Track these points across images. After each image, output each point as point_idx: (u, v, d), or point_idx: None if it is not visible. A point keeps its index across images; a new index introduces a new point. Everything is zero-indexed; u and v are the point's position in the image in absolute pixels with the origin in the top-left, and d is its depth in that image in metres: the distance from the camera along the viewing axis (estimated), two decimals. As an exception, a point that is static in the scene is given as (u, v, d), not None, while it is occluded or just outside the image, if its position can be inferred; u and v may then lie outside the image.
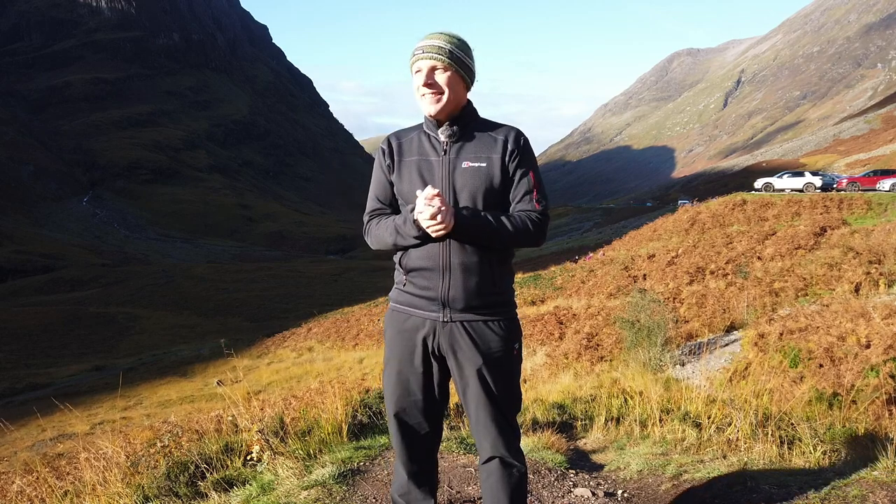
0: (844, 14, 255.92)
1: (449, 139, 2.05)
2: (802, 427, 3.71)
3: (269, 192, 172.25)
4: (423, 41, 2.03)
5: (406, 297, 2.09)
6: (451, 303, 2.00)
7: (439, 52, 2.00)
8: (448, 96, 2.02)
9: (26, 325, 46.27)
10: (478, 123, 2.10)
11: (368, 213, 2.16)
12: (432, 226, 1.90)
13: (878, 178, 29.15)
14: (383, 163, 2.12)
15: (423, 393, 2.10)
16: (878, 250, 11.41)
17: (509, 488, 2.09)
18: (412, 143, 2.10)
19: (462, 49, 2.03)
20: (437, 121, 2.06)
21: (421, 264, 2.02)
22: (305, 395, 7.55)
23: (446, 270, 1.99)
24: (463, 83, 2.05)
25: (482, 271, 2.01)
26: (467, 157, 2.03)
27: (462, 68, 2.03)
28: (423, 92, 2.02)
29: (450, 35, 2.04)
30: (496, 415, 2.05)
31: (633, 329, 8.93)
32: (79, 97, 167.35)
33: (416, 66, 2.03)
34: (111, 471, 3.36)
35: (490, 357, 2.03)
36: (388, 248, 2.07)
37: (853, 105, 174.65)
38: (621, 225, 61.11)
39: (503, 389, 2.06)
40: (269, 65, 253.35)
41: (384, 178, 2.13)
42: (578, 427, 4.85)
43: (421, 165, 2.04)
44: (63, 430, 14.71)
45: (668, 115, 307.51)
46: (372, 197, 2.17)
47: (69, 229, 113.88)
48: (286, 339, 30.35)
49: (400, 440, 2.15)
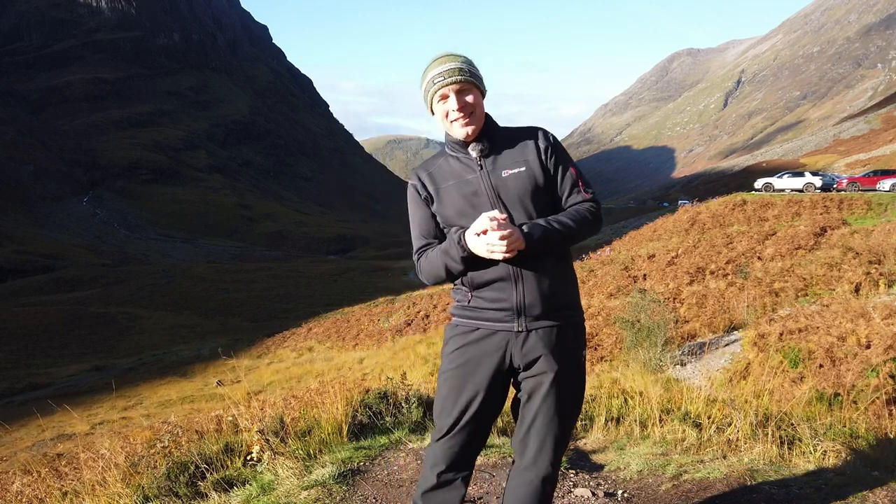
0: (844, 14, 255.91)
1: (481, 154, 2.02)
2: (803, 427, 3.71)
3: (269, 192, 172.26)
4: (438, 67, 1.99)
5: (472, 311, 2.03)
6: (528, 310, 1.96)
7: (460, 74, 1.97)
8: (477, 115, 2.01)
9: (26, 325, 46.26)
10: (501, 133, 2.08)
11: (417, 252, 2.10)
12: (497, 248, 1.84)
13: (878, 178, 29.15)
14: (419, 197, 2.08)
15: (484, 405, 2.03)
16: (878, 250, 11.40)
17: (539, 500, 2.03)
18: (442, 169, 2.07)
19: (472, 65, 2.03)
20: (464, 141, 2.03)
21: (491, 277, 1.96)
22: (305, 395, 7.54)
23: (518, 278, 1.95)
24: (482, 98, 2.04)
25: (553, 273, 1.99)
26: (504, 165, 2.00)
27: (479, 84, 2.02)
28: (456, 117, 1.98)
29: (455, 54, 2.02)
30: (557, 424, 2.01)
31: (633, 329, 8.92)
32: (79, 97, 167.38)
33: (439, 94, 1.99)
34: (111, 471, 3.36)
35: (565, 364, 2.00)
36: (441, 279, 2.03)
37: (853, 105, 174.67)
38: (621, 225, 61.08)
39: (573, 399, 2.04)
40: (269, 65, 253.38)
41: (425, 211, 2.07)
42: (578, 427, 4.84)
43: (461, 188, 2.01)
44: (63, 430, 14.71)
45: (669, 115, 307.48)
46: (417, 236, 2.11)
47: (69, 229, 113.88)
48: (286, 339, 30.33)
49: (448, 448, 2.05)
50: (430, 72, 2.00)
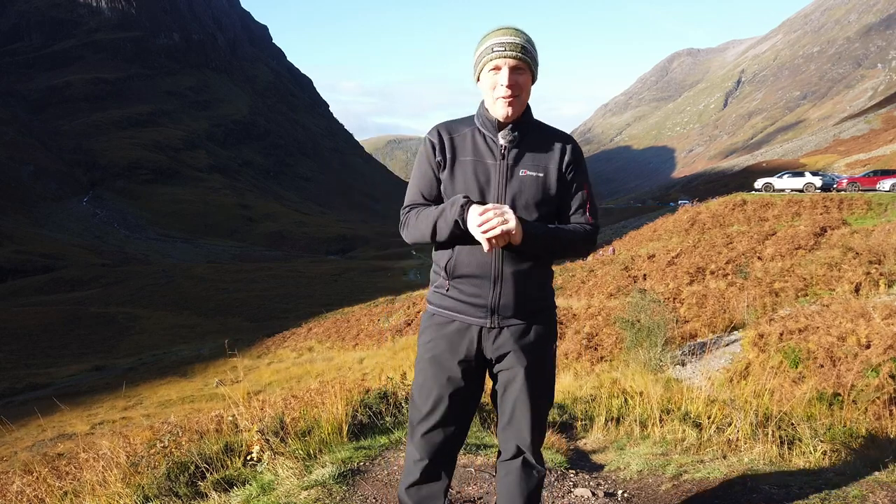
0: (844, 14, 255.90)
1: (509, 144, 1.97)
2: (803, 427, 3.71)
3: (269, 192, 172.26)
4: (501, 37, 1.91)
5: (449, 301, 2.02)
6: (501, 310, 1.97)
7: (522, 52, 1.90)
8: (522, 99, 1.95)
9: (26, 325, 46.26)
10: (534, 128, 2.03)
11: (408, 206, 2.03)
12: (496, 235, 1.80)
13: (878, 178, 29.16)
14: (432, 158, 1.99)
15: (457, 395, 2.05)
16: (878, 250, 11.40)
17: (527, 490, 2.08)
18: (465, 140, 1.99)
19: (534, 47, 1.96)
20: (499, 123, 1.97)
21: (471, 271, 1.96)
22: (305, 395, 7.53)
23: (498, 279, 1.95)
24: (532, 84, 1.97)
25: (532, 279, 1.99)
26: (525, 164, 1.97)
27: (534, 68, 1.96)
28: (503, 93, 1.91)
29: (521, 31, 1.94)
30: (533, 414, 2.05)
31: (634, 329, 8.93)
32: (79, 97, 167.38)
33: (494, 63, 1.91)
34: (111, 471, 3.36)
35: (534, 358, 2.02)
36: (425, 238, 1.97)
37: (853, 105, 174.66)
38: (621, 225, 61.10)
39: (544, 388, 2.08)
40: (270, 65, 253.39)
41: (432, 173, 2.00)
42: (578, 427, 4.84)
43: (477, 168, 1.95)
44: (63, 430, 14.71)
45: (669, 115, 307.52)
46: (415, 191, 2.03)
47: (69, 229, 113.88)
48: (286, 339, 30.34)
49: (425, 440, 2.07)
50: (492, 39, 1.93)
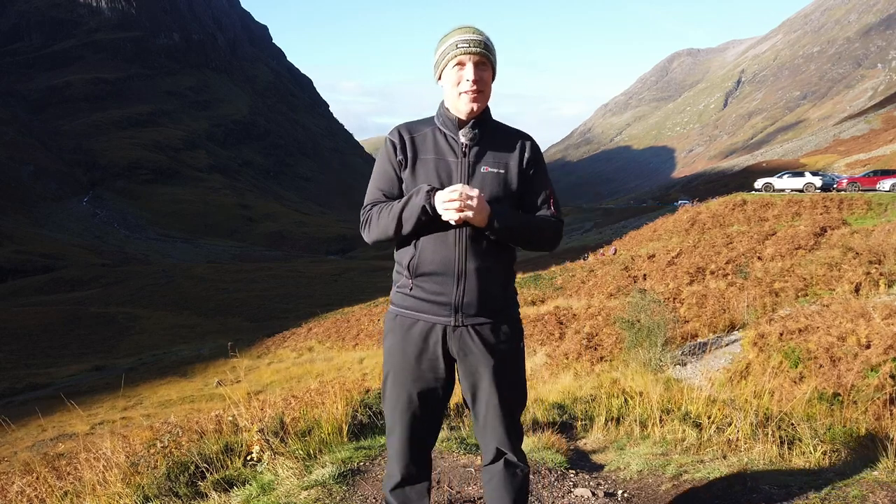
0: (844, 14, 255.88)
1: (469, 141, 1.99)
2: (803, 427, 3.71)
3: (269, 192, 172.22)
4: (464, 34, 1.95)
5: (412, 301, 2.02)
6: (465, 308, 1.97)
7: (485, 49, 1.95)
8: (486, 95, 1.98)
9: (26, 325, 46.26)
10: (493, 126, 2.05)
11: (369, 204, 2.04)
12: (457, 207, 1.82)
13: (878, 178, 29.16)
14: (394, 157, 2.01)
15: (428, 395, 2.06)
16: (878, 250, 11.40)
17: (513, 489, 2.08)
18: (426, 139, 2.01)
19: (493, 47, 2.00)
20: (460, 121, 2.00)
21: (434, 269, 1.96)
22: (305, 395, 7.53)
23: (462, 276, 1.95)
24: (492, 82, 2.02)
25: (495, 277, 2.00)
26: (486, 161, 1.99)
27: (495, 66, 2.01)
28: (468, 88, 1.93)
29: (480, 30, 1.98)
30: (505, 414, 2.04)
31: (634, 329, 8.93)
32: (79, 97, 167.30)
33: (458, 59, 1.94)
34: (111, 471, 3.36)
35: (500, 357, 2.02)
36: (388, 237, 1.98)
37: (853, 105, 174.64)
38: (621, 225, 61.13)
39: (512, 388, 2.06)
40: (270, 65, 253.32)
41: (393, 172, 2.02)
42: (578, 427, 4.84)
43: (438, 166, 1.97)
44: (63, 430, 14.71)
45: (669, 115, 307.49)
46: (374, 189, 2.04)
47: (69, 229, 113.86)
48: (286, 339, 30.34)
49: (401, 441, 2.09)
50: (454, 37, 1.96)
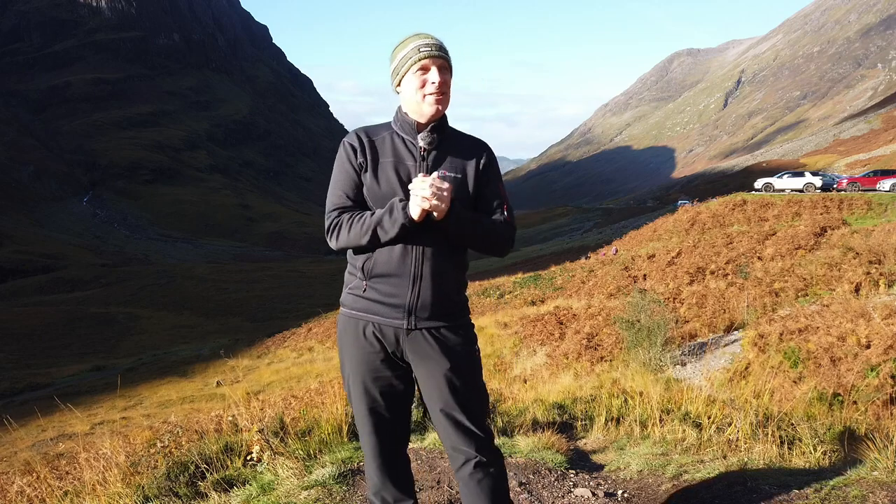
0: (844, 14, 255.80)
1: (428, 146, 2.00)
2: (803, 427, 3.71)
3: (269, 193, 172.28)
4: (423, 39, 1.98)
5: (364, 303, 2.01)
6: (419, 311, 1.96)
7: (446, 53, 1.98)
8: (448, 98, 2.00)
9: (27, 325, 46.28)
10: (451, 133, 2.07)
11: (336, 209, 2.00)
12: (431, 194, 1.83)
13: (878, 178, 29.16)
14: (354, 160, 2.00)
15: (391, 394, 2.05)
16: (879, 250, 11.40)
17: (489, 490, 2.02)
18: (385, 143, 2.02)
19: (449, 52, 2.02)
20: (419, 126, 2.01)
21: (389, 270, 1.95)
22: (305, 395, 7.55)
23: (417, 278, 1.94)
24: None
25: (450, 279, 2.00)
26: (444, 166, 2.00)
27: (452, 71, 2.03)
28: (432, 90, 1.95)
29: (436, 37, 2.00)
30: (468, 415, 2.01)
31: (634, 329, 8.93)
32: (79, 97, 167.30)
33: (421, 63, 1.96)
34: (111, 471, 3.36)
35: (456, 361, 2.00)
36: (357, 246, 1.97)
37: (853, 105, 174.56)
38: (621, 225, 61.12)
39: (472, 390, 2.03)
40: (270, 65, 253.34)
41: (354, 175, 2.00)
42: (579, 427, 4.84)
43: (398, 169, 1.98)
44: (63, 430, 14.71)
45: (669, 115, 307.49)
46: (338, 193, 2.01)
47: (69, 229, 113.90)
48: (286, 339, 30.34)
49: (371, 442, 2.08)
50: (414, 42, 1.98)
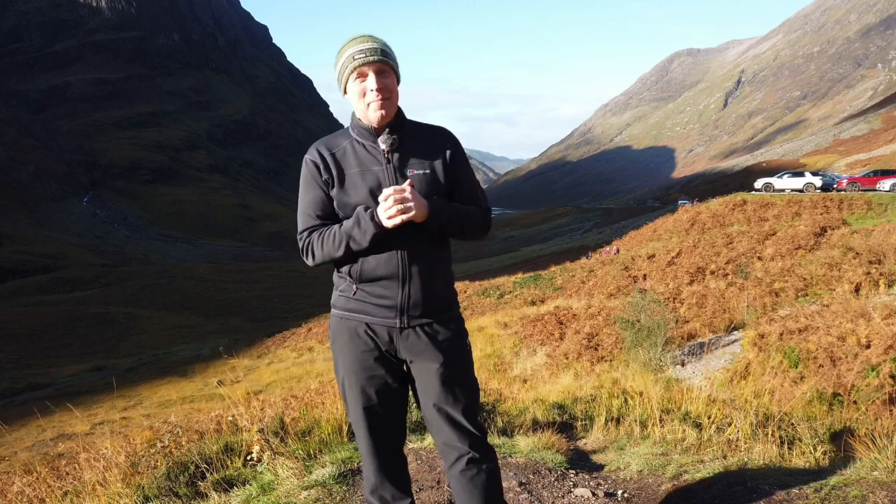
0: (844, 14, 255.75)
1: (390, 147, 1.99)
2: (803, 427, 3.71)
3: (269, 193, 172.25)
4: (358, 45, 1.94)
5: (357, 304, 2.01)
6: (411, 310, 1.97)
7: (382, 54, 1.94)
8: (393, 101, 1.97)
9: (27, 325, 46.28)
10: (411, 127, 2.05)
11: (306, 230, 2.01)
12: (396, 213, 1.83)
13: (878, 178, 29.15)
14: (319, 178, 2.00)
15: (386, 393, 2.05)
16: (879, 250, 11.40)
17: (482, 487, 2.02)
18: (347, 153, 2.01)
19: (391, 49, 1.99)
20: (377, 129, 1.99)
21: (378, 273, 1.95)
22: (305, 395, 7.55)
23: (406, 279, 1.95)
24: (397, 85, 2.01)
25: (438, 277, 2.02)
26: (411, 164, 1.99)
27: (397, 69, 2.00)
28: (373, 98, 1.93)
29: (374, 37, 1.97)
30: (461, 410, 2.02)
31: (634, 329, 8.93)
32: (79, 97, 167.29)
33: (357, 71, 1.94)
34: (111, 471, 3.36)
35: (449, 356, 2.02)
36: (333, 259, 1.98)
37: (853, 105, 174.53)
38: (621, 225, 61.13)
39: (464, 386, 2.05)
40: (270, 65, 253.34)
41: (322, 193, 2.00)
42: (579, 427, 4.84)
43: (366, 177, 1.96)
44: (63, 430, 14.71)
45: (669, 115, 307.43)
46: (307, 214, 2.02)
47: (69, 229, 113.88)
48: (286, 339, 30.36)
49: (367, 443, 2.08)
50: (349, 49, 1.95)
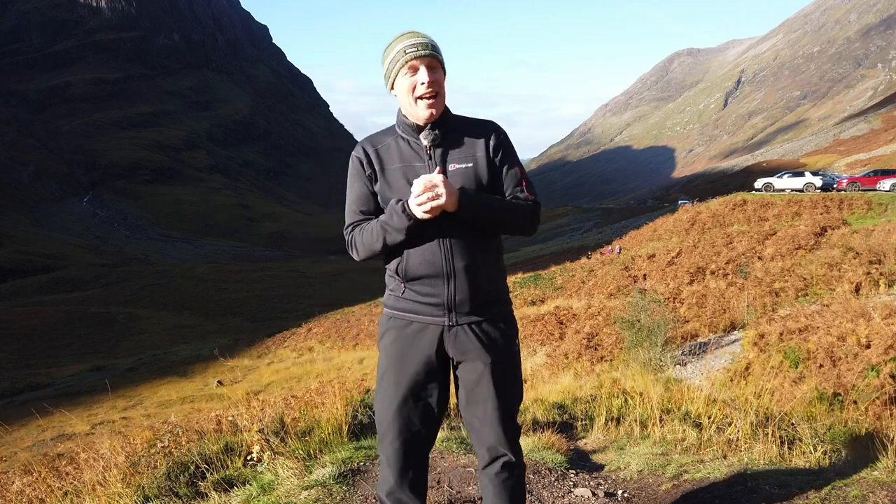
0: (844, 14, 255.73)
1: (432, 143, 1.99)
2: (803, 427, 3.70)
3: (269, 193, 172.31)
4: (409, 39, 1.95)
5: (406, 303, 2.01)
6: (458, 307, 1.96)
7: (434, 50, 1.95)
8: (442, 97, 1.98)
9: (27, 325, 46.28)
10: (454, 122, 2.05)
11: (350, 225, 2.04)
12: (426, 200, 1.82)
13: (878, 178, 29.12)
14: (363, 173, 2.01)
15: (426, 398, 2.04)
16: (879, 250, 11.40)
17: (514, 491, 2.06)
18: (390, 149, 2.02)
19: (440, 48, 2.00)
20: (418, 125, 1.99)
21: (423, 272, 1.95)
22: (305, 395, 7.53)
23: (451, 276, 1.94)
24: (444, 82, 2.01)
25: (483, 273, 1.99)
26: (452, 159, 1.98)
27: (444, 66, 2.00)
28: (423, 92, 1.93)
29: (423, 33, 1.98)
30: (504, 413, 2.02)
31: (634, 329, 8.93)
32: (79, 97, 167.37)
33: (409, 65, 1.94)
34: (111, 471, 3.36)
35: (497, 355, 2.01)
36: (375, 253, 1.98)
37: (853, 105, 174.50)
38: (621, 225, 61.11)
39: (511, 385, 2.05)
40: (270, 65, 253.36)
41: (366, 188, 2.02)
42: (579, 427, 4.84)
43: (407, 173, 1.97)
44: (63, 430, 14.71)
45: (669, 115, 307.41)
46: (352, 209, 2.04)
47: (69, 229, 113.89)
48: (286, 339, 30.36)
49: (394, 445, 2.04)
50: (400, 43, 1.95)
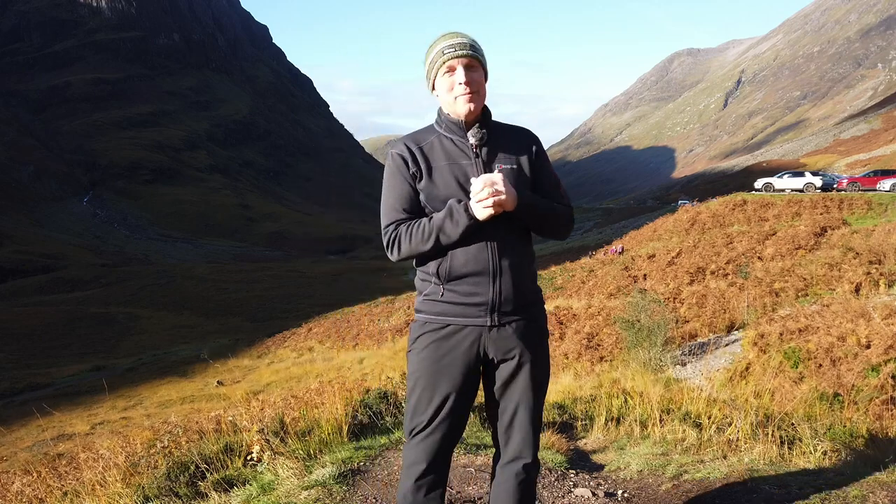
0: (844, 14, 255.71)
1: (479, 142, 2.01)
2: (803, 427, 3.70)
3: (269, 193, 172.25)
4: (449, 40, 1.99)
5: (444, 306, 1.98)
6: (502, 306, 1.96)
7: (472, 50, 1.98)
8: (482, 95, 2.00)
9: (27, 325, 46.25)
10: (497, 126, 2.08)
11: (393, 223, 2.00)
12: (487, 197, 1.85)
13: (878, 178, 29.14)
14: (406, 171, 2.00)
15: (460, 400, 2.01)
16: (879, 250, 11.40)
17: (524, 491, 2.08)
18: (434, 148, 2.02)
19: (480, 47, 2.04)
20: (466, 123, 2.02)
21: (468, 270, 1.94)
22: (305, 395, 7.53)
23: (497, 273, 1.94)
24: (485, 81, 2.05)
25: (525, 271, 2.02)
26: (499, 160, 2.01)
27: (485, 65, 2.04)
28: (462, 91, 1.96)
29: (464, 33, 2.02)
30: (534, 414, 2.05)
31: (634, 329, 8.93)
32: (79, 97, 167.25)
33: (447, 65, 1.97)
34: (111, 471, 3.37)
35: (535, 355, 2.03)
36: (420, 253, 1.97)
37: (853, 105, 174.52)
38: (621, 225, 61.13)
39: (543, 384, 2.09)
40: (270, 65, 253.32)
41: (409, 187, 2.00)
42: (579, 427, 4.84)
43: (454, 171, 1.98)
44: (63, 430, 14.72)
45: (669, 115, 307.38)
46: (394, 207, 2.01)
47: (69, 229, 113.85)
48: (286, 339, 30.34)
49: (427, 446, 2.02)
50: (440, 44, 2.00)
